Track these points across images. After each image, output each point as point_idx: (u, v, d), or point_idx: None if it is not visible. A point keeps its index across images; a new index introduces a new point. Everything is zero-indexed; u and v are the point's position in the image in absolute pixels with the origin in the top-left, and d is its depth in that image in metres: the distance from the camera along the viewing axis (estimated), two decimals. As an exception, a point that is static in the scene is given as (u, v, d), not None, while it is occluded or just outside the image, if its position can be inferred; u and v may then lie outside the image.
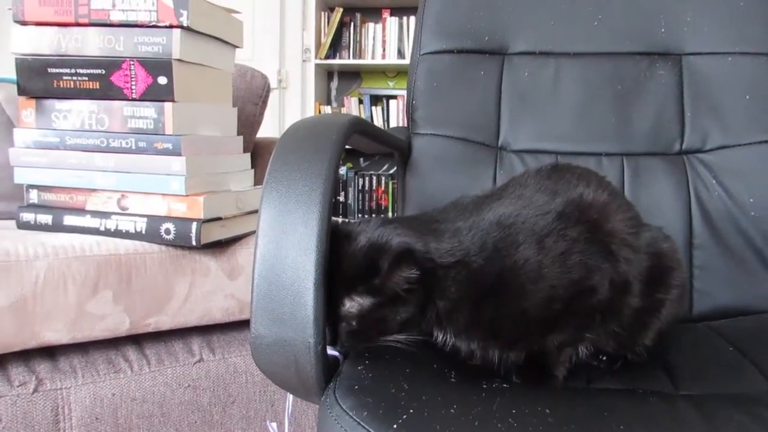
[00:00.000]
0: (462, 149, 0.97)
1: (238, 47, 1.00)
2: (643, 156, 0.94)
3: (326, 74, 3.36)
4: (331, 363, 0.59)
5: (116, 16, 0.84)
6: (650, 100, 0.95)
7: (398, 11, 3.11)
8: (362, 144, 0.89)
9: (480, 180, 0.95)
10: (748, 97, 0.92)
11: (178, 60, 0.83)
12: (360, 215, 3.24)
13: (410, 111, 1.01)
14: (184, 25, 0.82)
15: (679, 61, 0.96)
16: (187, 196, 0.85)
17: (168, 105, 0.84)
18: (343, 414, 0.50)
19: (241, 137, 1.03)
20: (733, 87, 0.92)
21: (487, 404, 0.51)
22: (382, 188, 3.22)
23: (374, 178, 3.24)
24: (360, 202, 3.24)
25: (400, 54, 3.08)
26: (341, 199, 3.25)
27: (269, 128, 2.25)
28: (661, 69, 0.96)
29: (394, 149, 0.96)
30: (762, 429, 0.49)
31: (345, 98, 3.30)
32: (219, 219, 0.90)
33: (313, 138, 0.61)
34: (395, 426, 0.47)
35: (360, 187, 3.24)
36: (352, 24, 3.13)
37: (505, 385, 0.55)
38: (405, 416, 0.48)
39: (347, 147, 0.68)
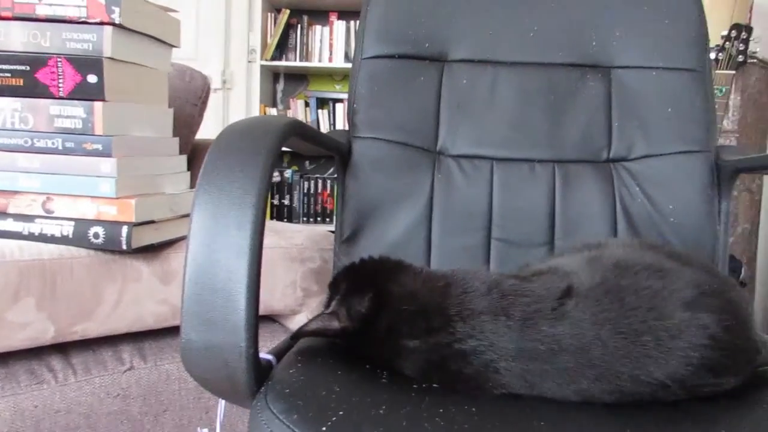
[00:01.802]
0: (401, 153, 0.98)
1: (174, 46, 0.98)
2: (573, 163, 0.97)
3: (272, 76, 3.33)
4: (264, 367, 0.59)
5: (42, 11, 0.81)
6: (581, 109, 0.99)
7: (346, 15, 3.11)
8: (301, 147, 0.89)
9: (418, 184, 0.97)
10: (670, 109, 0.97)
11: (110, 58, 0.81)
12: (305, 219, 3.22)
13: (351, 114, 1.01)
14: (116, 22, 0.80)
15: (608, 73, 1.00)
16: (118, 198, 0.83)
17: (98, 104, 0.82)
18: (273, 418, 0.50)
19: (177, 138, 1.01)
20: (656, 100, 0.97)
21: (416, 404, 0.52)
22: (328, 192, 3.21)
23: (320, 181, 3.22)
24: (305, 205, 3.22)
25: (348, 57, 3.08)
26: (286, 202, 3.22)
27: (212, 130, 2.20)
28: (591, 81, 1.00)
29: (334, 152, 0.96)
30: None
31: (291, 101, 3.27)
32: (152, 222, 0.87)
33: (248, 140, 0.60)
34: (324, 428, 0.47)
35: (305, 191, 3.22)
36: (299, 26, 3.12)
37: (435, 386, 0.56)
38: (335, 418, 0.48)
39: (290, 150, 0.68)
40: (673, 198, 0.93)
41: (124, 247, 0.82)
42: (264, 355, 0.61)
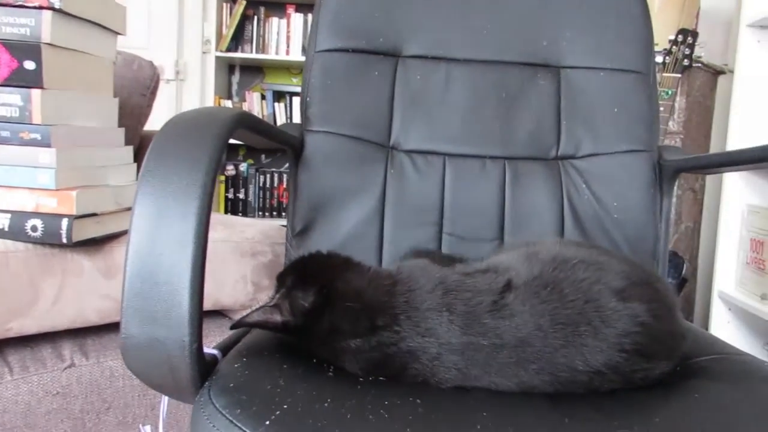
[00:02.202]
0: (354, 147, 0.98)
1: (120, 34, 0.95)
2: (523, 160, 0.99)
3: (227, 67, 3.27)
4: (209, 362, 0.57)
5: (-23, -7, 0.78)
6: (531, 108, 1.01)
7: (303, 7, 3.08)
8: (252, 140, 0.88)
9: (371, 178, 0.97)
10: (616, 110, 1.00)
11: (49, 44, 0.78)
12: (261, 213, 3.18)
13: (304, 107, 1.00)
14: (56, 6, 0.77)
15: (557, 73, 1.02)
16: (58, 190, 0.80)
17: (36, 92, 0.78)
18: (215, 413, 0.49)
19: (123, 129, 0.98)
20: (603, 100, 1.00)
21: (360, 397, 0.52)
22: (284, 186, 3.18)
23: (276, 175, 3.19)
24: (261, 199, 3.18)
25: (305, 51, 3.05)
26: (241, 196, 3.18)
27: (163, 121, 2.15)
28: (542, 79, 1.02)
29: (286, 145, 0.95)
30: None
31: (247, 93, 3.22)
32: (94, 215, 0.85)
33: (193, 131, 0.59)
34: (268, 423, 0.47)
35: (261, 185, 3.18)
36: (255, 17, 3.07)
37: (381, 379, 0.56)
38: (278, 412, 0.48)
39: (242, 143, 0.67)
40: (617, 195, 0.96)
41: (65, 240, 0.80)
42: (209, 349, 0.60)
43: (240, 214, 3.17)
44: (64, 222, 0.80)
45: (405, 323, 0.57)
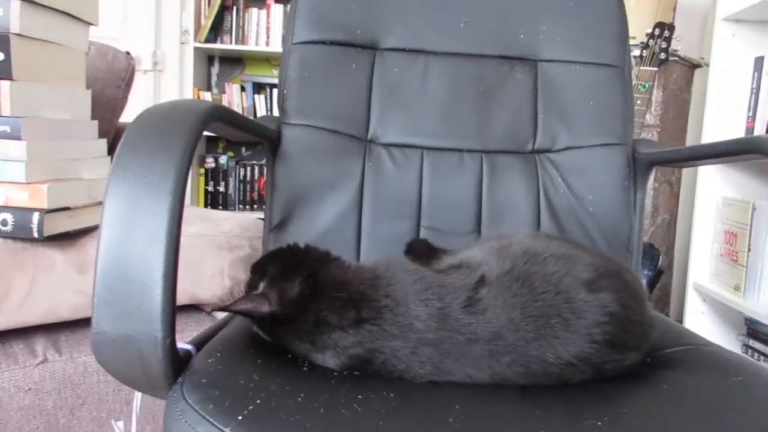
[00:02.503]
0: (332, 141, 0.98)
1: (92, 24, 0.93)
2: (500, 154, 1.00)
3: (206, 59, 3.23)
4: (182, 357, 0.57)
5: (-57, -18, 0.76)
6: (509, 101, 1.02)
7: (283, -1, 3.06)
8: (228, 133, 0.87)
9: (349, 172, 0.96)
10: (591, 103, 1.00)
11: (18, 35, 0.76)
12: (241, 207, 3.16)
13: (281, 100, 1.00)
14: (25, -4, 0.76)
15: (534, 66, 1.03)
16: (29, 183, 0.79)
17: (5, 83, 0.77)
18: (188, 408, 0.49)
19: (96, 122, 0.96)
20: (579, 93, 1.01)
21: (334, 391, 0.52)
22: (265, 178, 3.16)
23: (256, 168, 3.17)
24: (241, 192, 3.16)
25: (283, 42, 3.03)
26: (221, 189, 3.15)
27: (140, 113, 2.11)
28: (519, 73, 1.03)
29: (263, 138, 0.95)
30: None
31: (226, 85, 3.19)
32: (67, 209, 0.83)
33: (166, 124, 0.58)
34: (240, 417, 0.47)
35: (241, 178, 3.16)
36: (234, 8, 3.03)
37: (355, 373, 0.57)
38: (251, 407, 0.48)
39: (217, 135, 0.66)
40: (592, 188, 0.97)
41: (36, 234, 0.78)
42: (183, 345, 0.59)
43: (220, 207, 3.14)
44: (35, 216, 0.78)
45: (387, 316, 0.57)
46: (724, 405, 0.54)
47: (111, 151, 1.02)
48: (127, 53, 1.32)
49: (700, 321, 1.80)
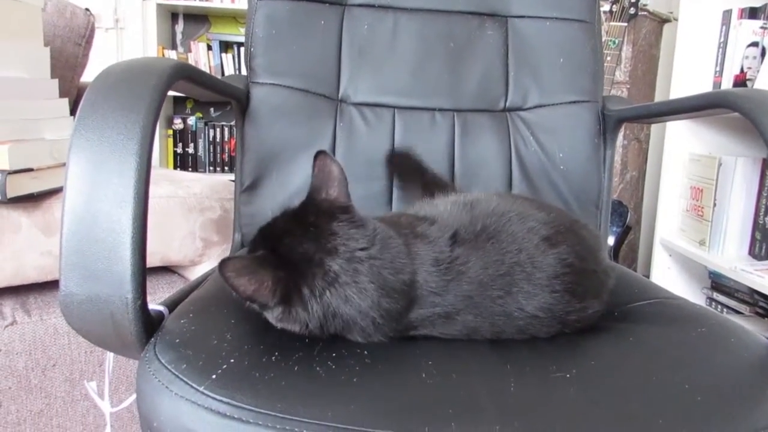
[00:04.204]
0: (302, 100, 0.96)
1: (47, -23, 0.89)
2: (472, 112, 0.99)
3: (170, 16, 3.12)
4: (155, 318, 0.57)
5: None
6: (479, 58, 1.01)
7: (249, -48, 2.94)
8: (194, 92, 0.85)
9: (320, 132, 0.95)
10: (562, 60, 1.00)
11: (-33, -13, 0.72)
12: (212, 169, 3.11)
13: (248, 59, 0.97)
14: (-27, -54, 0.71)
15: (505, 22, 1.02)
16: (-12, 144, 0.76)
17: (-44, 39, 0.73)
18: (161, 368, 0.49)
19: (56, 80, 0.93)
20: (550, 50, 1.01)
21: (308, 350, 0.52)
22: (235, 140, 3.10)
23: (226, 129, 3.11)
24: (211, 154, 3.11)
25: (251, -1, 2.93)
26: (190, 151, 3.09)
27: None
28: (489, 29, 1.02)
29: (231, 98, 0.93)
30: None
31: (192, 43, 3.10)
32: (30, 170, 0.81)
33: (130, 82, 0.56)
34: (214, 376, 0.47)
35: (211, 139, 3.10)
36: (197, -38, 2.92)
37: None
38: (225, 366, 0.48)
39: (184, 96, 0.64)
40: (562, 146, 0.98)
41: (-2, 197, 0.76)
42: (155, 306, 0.59)
43: (190, 169, 3.09)
44: (-3, 178, 0.76)
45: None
46: (689, 355, 0.56)
47: (74, 111, 0.98)
48: (86, 9, 1.27)
49: (666, 276, 1.85)
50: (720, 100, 0.71)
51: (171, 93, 0.63)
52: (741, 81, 1.61)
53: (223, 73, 3.08)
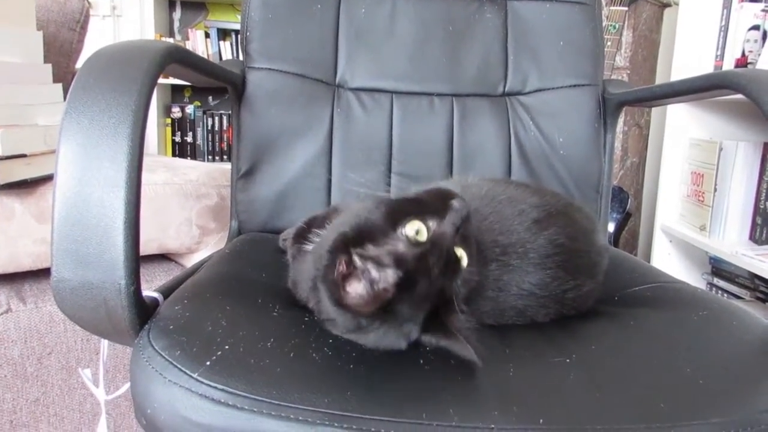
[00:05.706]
0: (299, 85, 0.95)
1: (38, -40, 0.87)
2: (470, 97, 0.98)
3: (167, 3, 3.09)
4: (149, 305, 0.56)
5: None
6: (478, 42, 0.99)
7: (245, -62, 2.91)
8: (189, 77, 0.84)
9: (317, 118, 0.94)
10: (562, 43, 0.99)
11: (-45, -31, 0.71)
12: (210, 157, 3.10)
13: (244, 43, 0.96)
14: (-40, -74, 0.70)
15: (504, 5, 1.00)
16: (-21, 130, 0.75)
17: (-55, 23, 0.72)
18: (155, 355, 0.48)
19: (50, 65, 0.91)
20: (549, 33, 0.99)
21: (304, 336, 0.52)
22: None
23: (224, 117, 3.09)
24: (209, 143, 3.10)
25: (248, -15, 2.90)
26: (189, 139, 3.08)
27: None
28: (488, 12, 1.00)
29: (226, 83, 0.91)
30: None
31: (189, 31, 3.07)
32: (23, 156, 0.80)
33: (121, 65, 0.55)
34: (208, 363, 0.46)
35: (209, 128, 3.08)
36: (194, -52, 2.89)
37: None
38: (219, 352, 0.47)
39: (182, 84, 0.63)
40: (562, 131, 0.96)
41: (-10, 183, 0.75)
42: (149, 292, 0.58)
43: (188, 158, 3.08)
44: (-11, 165, 0.75)
45: None
46: (691, 338, 0.55)
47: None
48: (81, -6, 1.25)
49: (667, 261, 1.84)
50: (722, 81, 0.70)
51: (169, 81, 0.62)
52: (742, 65, 1.59)
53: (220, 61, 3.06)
